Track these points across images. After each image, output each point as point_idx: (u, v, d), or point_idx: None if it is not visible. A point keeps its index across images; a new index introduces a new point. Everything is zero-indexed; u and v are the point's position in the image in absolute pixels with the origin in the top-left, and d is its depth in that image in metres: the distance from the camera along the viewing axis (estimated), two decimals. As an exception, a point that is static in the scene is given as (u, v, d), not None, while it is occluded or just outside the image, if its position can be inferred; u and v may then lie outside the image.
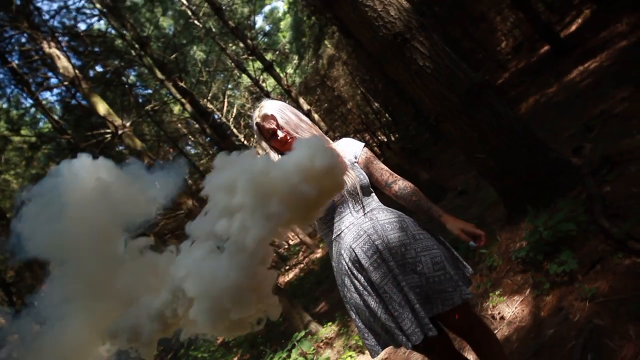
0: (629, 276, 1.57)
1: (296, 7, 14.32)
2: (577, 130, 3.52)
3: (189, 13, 12.20)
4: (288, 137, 1.24)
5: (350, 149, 1.33)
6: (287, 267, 9.30)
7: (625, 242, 1.67)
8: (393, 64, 2.66)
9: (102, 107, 4.35)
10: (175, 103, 11.69)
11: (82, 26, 9.84)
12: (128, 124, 4.41)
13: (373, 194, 1.29)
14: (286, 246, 12.35)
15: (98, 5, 8.41)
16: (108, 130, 4.38)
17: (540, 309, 1.82)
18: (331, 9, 3.37)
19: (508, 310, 1.98)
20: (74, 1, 9.23)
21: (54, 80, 8.34)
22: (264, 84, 12.78)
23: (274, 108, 1.27)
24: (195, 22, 12.38)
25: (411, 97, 2.73)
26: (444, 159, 7.27)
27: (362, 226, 1.18)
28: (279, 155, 1.27)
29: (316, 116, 12.25)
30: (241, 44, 12.34)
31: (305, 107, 11.58)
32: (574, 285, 1.75)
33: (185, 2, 11.97)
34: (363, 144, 1.37)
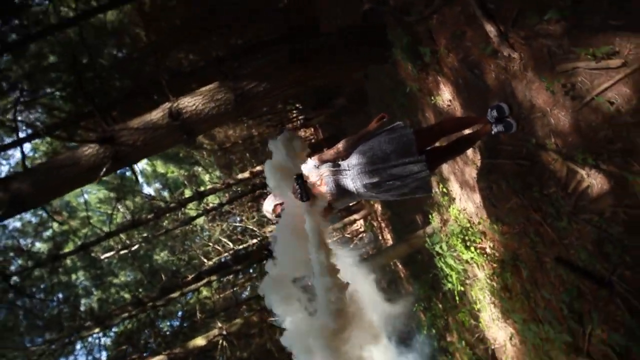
0: (444, 28, 2.49)
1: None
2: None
3: (119, 246, 12.80)
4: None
5: (310, 165, 2.18)
6: (381, 240, 10.21)
7: (423, 18, 2.58)
8: (254, 109, 3.55)
9: (200, 340, 5.16)
10: (201, 291, 12.51)
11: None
12: (221, 325, 5.23)
13: (339, 161, 2.14)
14: (362, 235, 13.28)
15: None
16: (220, 340, 5.19)
17: (450, 79, 2.73)
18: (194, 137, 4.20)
19: (447, 97, 2.90)
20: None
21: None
22: (210, 205, 13.66)
23: (269, 205, 2.10)
24: (134, 248, 13.07)
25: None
26: (338, 79, 8.21)
27: (354, 176, 2.02)
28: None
29: (257, 168, 13.14)
30: (168, 215, 13.16)
31: (246, 175, 12.47)
32: (438, 55, 2.67)
33: (105, 255, 12.54)
34: (309, 158, 2.23)
